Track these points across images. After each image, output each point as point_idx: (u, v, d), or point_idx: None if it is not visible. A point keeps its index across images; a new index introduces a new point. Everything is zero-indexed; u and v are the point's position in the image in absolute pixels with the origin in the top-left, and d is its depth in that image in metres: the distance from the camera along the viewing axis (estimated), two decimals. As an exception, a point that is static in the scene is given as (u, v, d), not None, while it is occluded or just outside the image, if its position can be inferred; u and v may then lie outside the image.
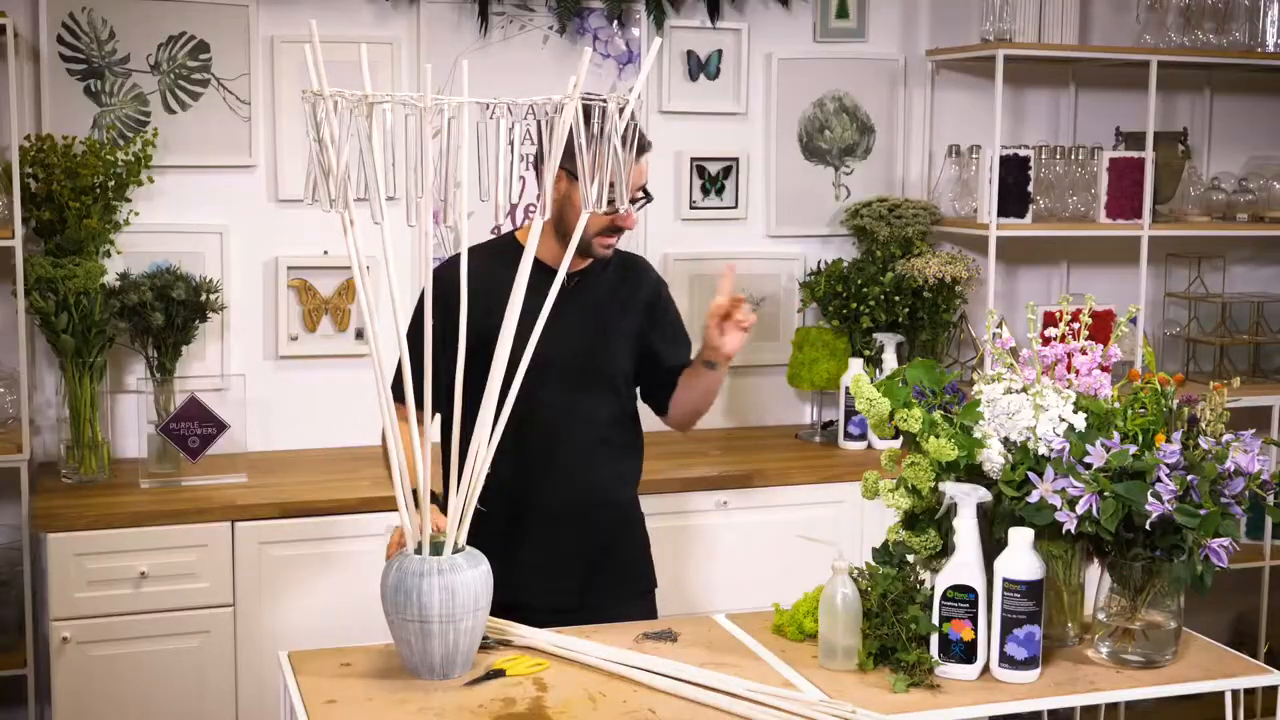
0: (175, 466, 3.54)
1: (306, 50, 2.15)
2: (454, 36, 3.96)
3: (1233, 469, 2.23)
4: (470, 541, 2.53)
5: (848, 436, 4.06)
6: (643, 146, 2.63)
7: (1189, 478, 2.21)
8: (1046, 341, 2.49)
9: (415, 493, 2.33)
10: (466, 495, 2.29)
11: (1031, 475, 2.30)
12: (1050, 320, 2.96)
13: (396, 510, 2.31)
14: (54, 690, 3.26)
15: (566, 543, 2.78)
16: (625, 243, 2.90)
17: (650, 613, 2.88)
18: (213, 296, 3.61)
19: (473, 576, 2.26)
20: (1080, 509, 2.24)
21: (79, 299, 3.45)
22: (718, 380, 2.86)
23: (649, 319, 2.89)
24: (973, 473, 2.36)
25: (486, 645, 2.40)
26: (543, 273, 2.64)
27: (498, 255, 2.71)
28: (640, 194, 2.73)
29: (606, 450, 2.83)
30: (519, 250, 2.61)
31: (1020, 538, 2.27)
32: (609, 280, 2.85)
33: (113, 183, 3.58)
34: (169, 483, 3.51)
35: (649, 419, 2.97)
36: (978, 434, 2.36)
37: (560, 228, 2.71)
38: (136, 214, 3.70)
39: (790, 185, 4.34)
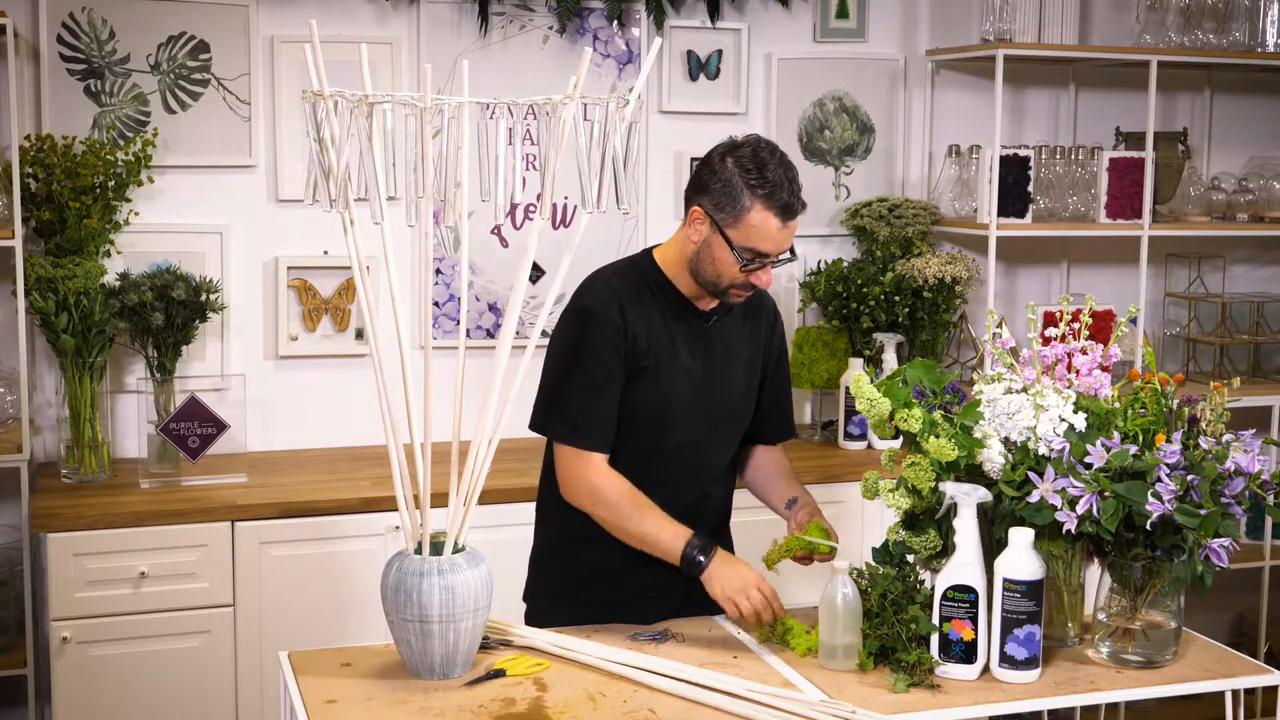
0: (175, 466, 3.55)
1: (306, 50, 2.15)
2: (454, 36, 3.96)
3: (1233, 469, 2.23)
4: (585, 563, 2.57)
5: (848, 436, 4.06)
6: (792, 208, 2.54)
7: (1189, 478, 2.21)
8: (1046, 341, 2.49)
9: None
10: (467, 495, 2.29)
11: (1031, 475, 2.30)
12: (1050, 320, 2.96)
13: (396, 510, 2.31)
14: (54, 690, 3.26)
15: (670, 568, 2.69)
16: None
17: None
18: (213, 296, 3.61)
19: (473, 576, 2.26)
20: (1080, 509, 2.24)
21: (79, 299, 3.45)
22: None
23: (766, 368, 2.80)
24: (973, 473, 2.36)
25: (486, 645, 2.41)
26: (683, 306, 2.67)
27: (647, 287, 2.65)
28: (786, 254, 2.60)
29: (724, 484, 2.79)
30: (668, 286, 2.66)
31: (1020, 538, 2.27)
32: (738, 316, 2.74)
33: (113, 183, 3.57)
34: (169, 483, 3.51)
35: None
36: (978, 434, 2.36)
37: (694, 267, 2.60)
38: (136, 214, 3.70)
39: (790, 185, 4.33)
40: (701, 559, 2.52)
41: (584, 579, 2.72)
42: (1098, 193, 4.28)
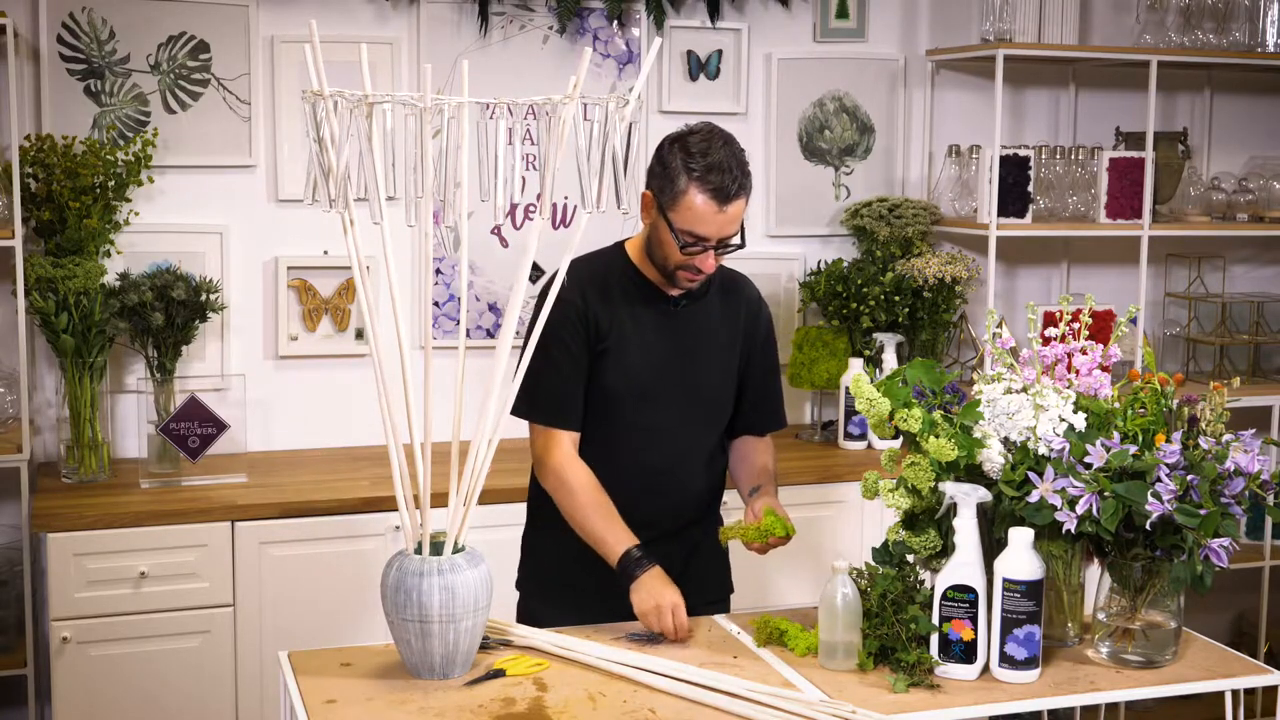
0: (175, 466, 3.55)
1: (306, 50, 2.15)
2: (454, 36, 3.96)
3: (1233, 469, 2.23)
4: (569, 547, 2.60)
5: (848, 436, 4.06)
6: (726, 191, 2.53)
7: (1189, 478, 2.21)
8: (1046, 341, 2.49)
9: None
10: (467, 495, 2.29)
11: (1031, 475, 2.30)
12: (1050, 320, 2.96)
13: (396, 510, 2.32)
14: (54, 690, 3.26)
15: (655, 554, 2.69)
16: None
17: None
18: (213, 296, 3.61)
19: (473, 576, 2.26)
20: (1080, 509, 2.24)
21: (79, 299, 3.45)
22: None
23: (748, 356, 2.80)
24: (973, 473, 2.36)
25: (486, 645, 2.41)
26: (649, 291, 2.70)
27: (613, 273, 2.70)
28: (734, 241, 2.62)
29: (702, 471, 2.79)
30: (634, 272, 2.71)
31: (1020, 538, 2.27)
32: (712, 302, 2.76)
33: (113, 183, 3.57)
34: (169, 483, 3.51)
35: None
36: (978, 434, 2.36)
37: (648, 251, 2.67)
38: (136, 214, 3.70)
39: (790, 185, 4.34)
40: (637, 571, 2.54)
41: (568, 563, 2.73)
42: (1098, 193, 4.28)
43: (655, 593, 2.51)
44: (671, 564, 2.69)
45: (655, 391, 2.69)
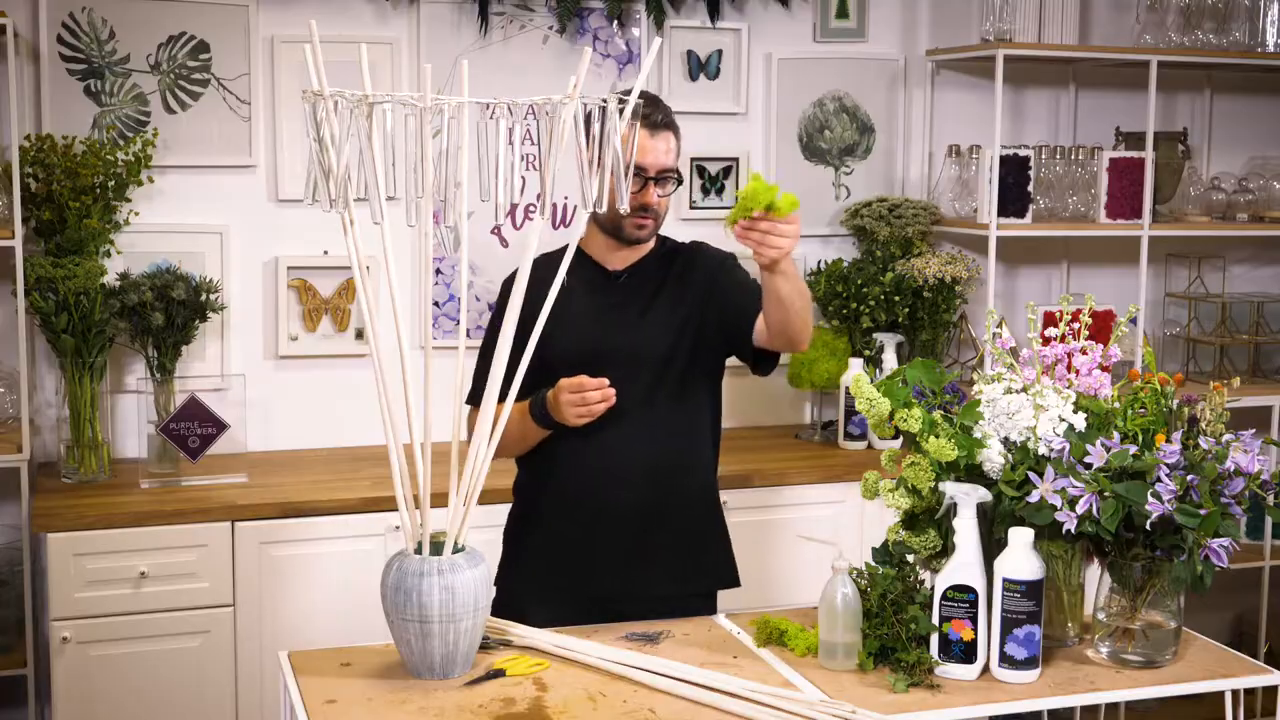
0: (175, 466, 3.54)
1: (306, 50, 2.16)
2: (454, 36, 3.96)
3: (1233, 469, 2.23)
4: (555, 552, 2.62)
5: (848, 436, 4.06)
6: (652, 119, 2.67)
7: (1189, 478, 2.21)
8: (1046, 341, 2.48)
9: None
10: (467, 495, 2.29)
11: (1031, 475, 2.30)
12: (1050, 320, 2.96)
13: (396, 510, 2.32)
14: (54, 690, 3.26)
15: (611, 529, 2.74)
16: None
17: (710, 609, 2.82)
18: (213, 296, 3.61)
19: (473, 576, 2.26)
20: (1080, 509, 2.24)
21: (79, 299, 3.45)
22: (788, 282, 2.62)
23: (708, 294, 2.81)
24: (973, 473, 2.36)
25: (486, 645, 2.41)
26: (596, 271, 2.79)
27: (558, 259, 2.72)
28: (672, 177, 2.75)
29: (658, 441, 2.77)
30: (579, 253, 2.76)
31: (1020, 538, 2.27)
32: (658, 272, 2.84)
33: (113, 183, 3.58)
34: (169, 483, 3.51)
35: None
36: (978, 434, 2.36)
37: (598, 220, 2.76)
38: (136, 214, 3.70)
39: (790, 185, 4.30)
40: (544, 402, 2.67)
41: (554, 561, 2.76)
42: (1098, 193, 4.28)
43: (560, 395, 2.63)
44: (628, 539, 2.74)
45: (594, 359, 2.71)
